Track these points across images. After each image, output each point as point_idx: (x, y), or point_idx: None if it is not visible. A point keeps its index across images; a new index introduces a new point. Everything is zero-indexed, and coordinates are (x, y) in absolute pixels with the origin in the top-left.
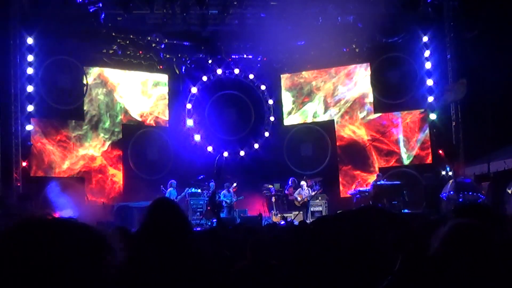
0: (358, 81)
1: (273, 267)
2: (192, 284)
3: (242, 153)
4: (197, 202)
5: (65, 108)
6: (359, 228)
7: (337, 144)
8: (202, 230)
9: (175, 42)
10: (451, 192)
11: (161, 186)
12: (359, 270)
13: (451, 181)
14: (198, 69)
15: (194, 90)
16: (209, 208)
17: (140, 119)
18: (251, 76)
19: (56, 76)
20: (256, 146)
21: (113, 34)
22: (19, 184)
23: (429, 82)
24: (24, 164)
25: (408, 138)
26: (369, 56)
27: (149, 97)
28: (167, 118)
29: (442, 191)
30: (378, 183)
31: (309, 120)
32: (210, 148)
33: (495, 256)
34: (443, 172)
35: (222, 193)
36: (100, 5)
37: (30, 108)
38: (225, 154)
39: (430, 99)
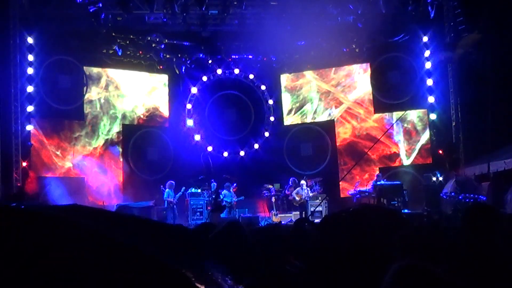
0: (358, 81)
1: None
2: None
3: (242, 153)
4: (197, 202)
5: (65, 108)
6: (360, 228)
7: (337, 144)
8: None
9: (175, 42)
10: (453, 193)
11: (161, 186)
12: (361, 270)
13: (451, 180)
14: (198, 69)
15: (194, 90)
16: (209, 208)
17: (140, 119)
18: (251, 76)
19: (56, 76)
20: (256, 146)
21: (113, 34)
22: (19, 184)
23: (429, 82)
24: (24, 164)
25: (408, 138)
26: (369, 56)
27: (149, 97)
28: (167, 118)
29: (442, 190)
30: (378, 183)
31: (309, 120)
32: (210, 148)
33: None
34: (434, 178)
35: (222, 193)
36: (100, 5)
37: (30, 108)
38: (225, 154)
39: (430, 99)
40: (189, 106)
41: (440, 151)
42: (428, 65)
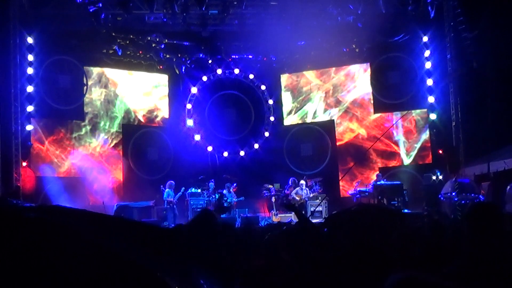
0: (358, 81)
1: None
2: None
3: (242, 153)
4: (197, 202)
5: (65, 108)
6: (360, 227)
7: (337, 144)
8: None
9: (175, 42)
10: (453, 193)
11: (161, 186)
12: (361, 268)
13: (450, 181)
14: (198, 69)
15: (194, 90)
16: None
17: (140, 119)
18: (251, 76)
19: (56, 76)
20: (256, 146)
21: (113, 34)
22: (19, 184)
23: (429, 82)
24: (24, 164)
25: (408, 138)
26: (369, 56)
27: (149, 97)
28: (167, 118)
29: (441, 191)
30: (378, 183)
31: (309, 120)
32: (210, 148)
33: None
34: (434, 177)
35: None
36: (100, 5)
37: (30, 108)
38: (225, 154)
39: (430, 99)
40: (189, 106)
41: (440, 151)
42: (428, 65)
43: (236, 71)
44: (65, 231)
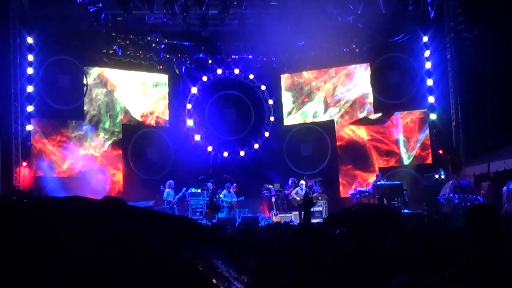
0: (358, 81)
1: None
2: None
3: (242, 153)
4: (197, 202)
5: (65, 108)
6: (360, 227)
7: (337, 144)
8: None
9: (175, 42)
10: (451, 195)
11: (161, 186)
12: (361, 268)
13: (448, 182)
14: (198, 69)
15: (194, 90)
16: (208, 210)
17: (140, 119)
18: (251, 76)
19: (56, 76)
20: (256, 146)
21: (113, 34)
22: (18, 184)
23: (429, 82)
24: (24, 164)
25: (408, 138)
26: (369, 56)
27: (149, 97)
28: (167, 118)
29: (440, 193)
30: (378, 183)
31: (309, 120)
32: (210, 148)
33: None
34: (436, 176)
35: (222, 193)
36: (100, 5)
37: (30, 108)
38: (225, 154)
39: (430, 99)
40: (189, 106)
41: (440, 151)
42: (428, 65)
43: (236, 71)
44: (68, 229)
